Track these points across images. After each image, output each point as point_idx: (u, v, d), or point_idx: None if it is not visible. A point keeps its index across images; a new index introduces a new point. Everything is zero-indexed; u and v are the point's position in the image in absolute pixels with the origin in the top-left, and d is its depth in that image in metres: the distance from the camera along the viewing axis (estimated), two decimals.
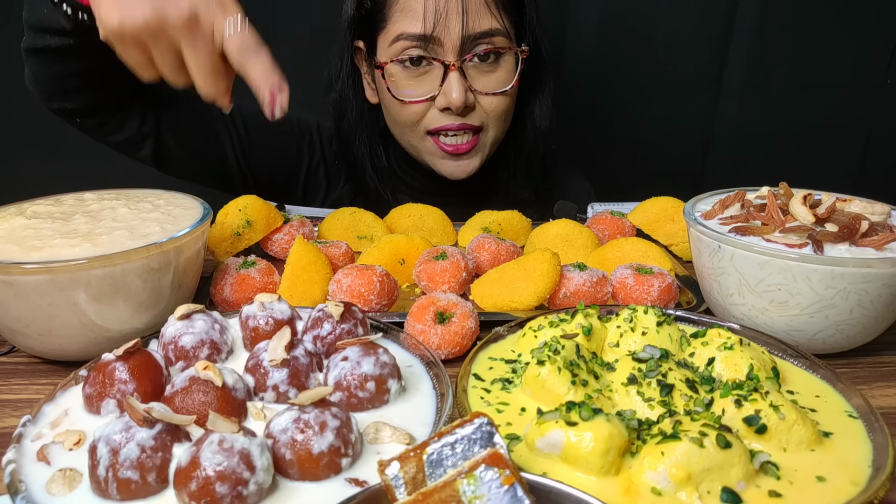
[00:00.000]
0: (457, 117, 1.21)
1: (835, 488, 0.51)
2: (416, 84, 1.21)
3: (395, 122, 1.28)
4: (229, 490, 0.46)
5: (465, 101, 1.17)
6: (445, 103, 1.18)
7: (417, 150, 1.29)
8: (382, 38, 1.21)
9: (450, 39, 1.16)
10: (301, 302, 0.86)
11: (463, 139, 1.23)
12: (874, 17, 1.77)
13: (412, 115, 1.23)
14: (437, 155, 1.26)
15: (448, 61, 1.17)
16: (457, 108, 1.18)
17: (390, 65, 1.20)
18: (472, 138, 1.24)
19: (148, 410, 0.50)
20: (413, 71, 1.20)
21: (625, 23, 1.79)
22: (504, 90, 1.22)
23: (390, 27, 1.19)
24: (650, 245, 0.99)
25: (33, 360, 0.78)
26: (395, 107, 1.24)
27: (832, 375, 0.64)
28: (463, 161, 1.26)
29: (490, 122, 1.25)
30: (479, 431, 0.43)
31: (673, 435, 0.51)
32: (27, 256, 0.68)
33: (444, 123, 1.21)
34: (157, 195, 0.89)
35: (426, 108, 1.22)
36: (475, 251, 0.99)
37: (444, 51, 1.17)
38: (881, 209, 0.80)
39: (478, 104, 1.22)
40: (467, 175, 1.28)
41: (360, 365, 0.59)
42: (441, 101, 1.19)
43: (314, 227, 1.13)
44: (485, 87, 1.21)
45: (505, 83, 1.22)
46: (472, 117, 1.22)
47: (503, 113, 1.25)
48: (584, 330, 0.68)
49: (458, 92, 1.16)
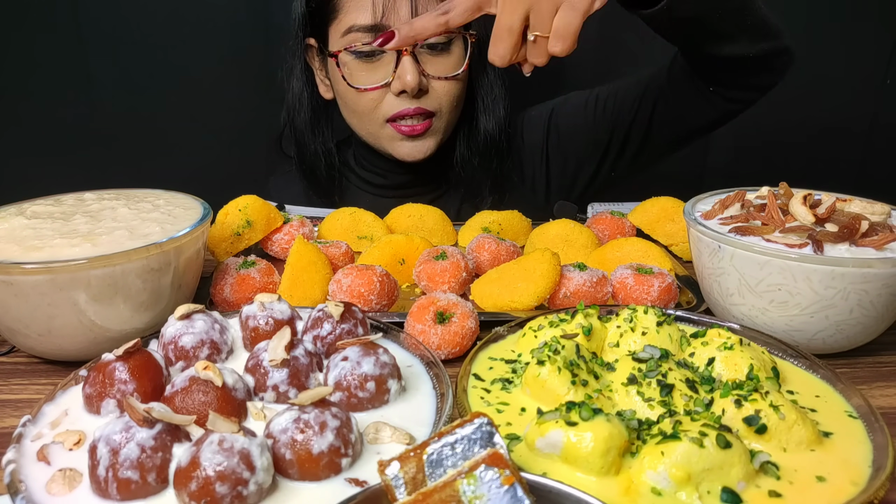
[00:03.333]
0: (412, 100, 1.24)
1: (835, 488, 0.51)
2: (370, 71, 1.23)
3: (353, 112, 1.31)
4: (229, 490, 0.46)
5: (419, 83, 1.21)
6: (401, 86, 1.21)
7: (376, 137, 1.32)
8: (334, 30, 1.24)
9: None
10: (301, 302, 0.86)
11: (418, 121, 1.27)
12: (874, 17, 1.77)
13: (369, 103, 1.25)
14: (395, 139, 1.29)
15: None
16: (412, 89, 1.21)
17: (343, 53, 1.23)
18: (426, 121, 1.27)
19: (148, 410, 0.50)
20: (366, 60, 1.23)
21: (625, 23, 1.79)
22: (455, 74, 1.25)
23: (342, 18, 1.22)
24: (650, 245, 0.99)
25: (33, 360, 0.78)
26: (351, 96, 1.27)
27: (832, 375, 0.64)
28: (419, 142, 1.29)
29: (443, 107, 1.28)
30: (479, 431, 0.43)
31: (673, 435, 0.51)
32: (27, 256, 0.68)
33: (401, 109, 1.24)
34: (157, 195, 0.89)
35: (382, 95, 1.24)
36: (475, 251, 0.99)
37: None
38: (881, 209, 0.80)
39: (431, 88, 1.25)
40: (423, 156, 1.31)
41: (360, 365, 0.60)
42: (396, 85, 1.22)
43: (314, 227, 1.13)
44: (437, 72, 1.24)
45: (456, 68, 1.25)
46: (426, 101, 1.25)
47: (455, 98, 1.29)
48: (584, 330, 0.68)
49: (413, 74, 1.19)
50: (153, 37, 1.70)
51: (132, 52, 1.70)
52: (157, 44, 1.70)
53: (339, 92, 1.31)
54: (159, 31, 1.69)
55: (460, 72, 1.25)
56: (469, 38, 1.25)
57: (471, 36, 1.25)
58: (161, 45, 1.70)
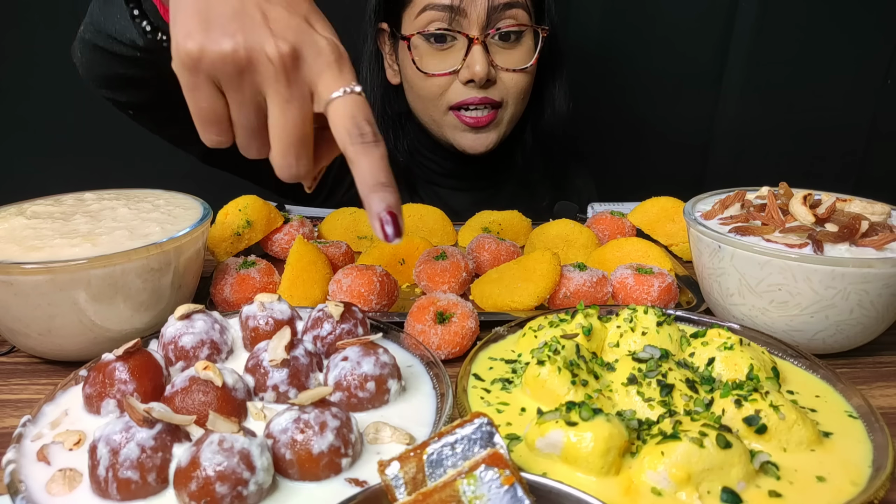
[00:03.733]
0: (479, 90, 1.23)
1: (835, 488, 0.51)
2: (440, 58, 1.23)
3: (418, 97, 1.31)
4: (229, 490, 0.46)
5: (487, 73, 1.20)
6: (469, 76, 1.21)
7: (439, 125, 1.32)
8: (408, 13, 1.24)
9: (475, 11, 1.19)
10: (301, 302, 0.86)
11: (483, 112, 1.26)
12: (874, 17, 1.77)
13: (435, 89, 1.25)
14: (458, 128, 1.29)
15: (472, 35, 1.20)
16: (480, 79, 1.20)
17: (416, 37, 1.23)
18: (492, 112, 1.27)
19: (148, 410, 0.50)
20: (437, 46, 1.23)
21: (625, 23, 1.79)
22: (524, 67, 1.25)
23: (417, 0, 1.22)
24: (650, 245, 0.99)
25: (33, 360, 0.78)
26: (418, 80, 1.27)
27: (832, 375, 0.64)
28: (482, 134, 1.29)
29: (510, 99, 1.28)
30: (479, 431, 0.43)
31: (673, 435, 0.51)
32: (27, 256, 0.68)
33: (467, 97, 1.24)
34: (157, 195, 0.89)
35: (449, 82, 1.24)
36: (475, 251, 0.99)
37: (469, 23, 1.20)
38: (881, 209, 0.80)
39: (499, 80, 1.25)
40: (485, 149, 1.30)
41: (360, 365, 0.59)
42: (465, 73, 1.22)
43: (314, 227, 1.13)
44: (506, 64, 1.24)
45: (525, 61, 1.25)
46: (492, 91, 1.25)
47: (522, 90, 1.28)
48: (584, 330, 0.68)
49: (482, 64, 1.19)
50: None
51: None
52: None
53: (407, 76, 1.31)
54: None
55: (529, 65, 1.25)
56: (541, 32, 1.26)
57: (543, 30, 1.26)
58: None
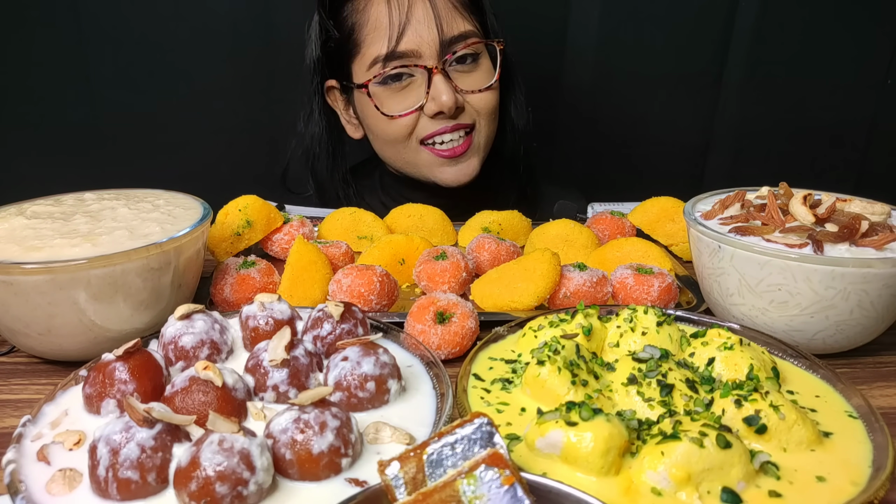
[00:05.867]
0: (448, 120, 1.21)
1: (835, 488, 0.51)
2: (400, 98, 1.21)
3: (387, 143, 1.27)
4: (229, 490, 0.46)
5: (455, 101, 1.18)
6: (436, 108, 1.18)
7: (415, 166, 1.28)
8: (358, 64, 1.22)
9: (427, 48, 1.17)
10: (301, 302, 0.86)
11: (458, 141, 1.23)
12: (874, 17, 1.77)
13: (403, 129, 1.23)
14: (435, 164, 1.26)
15: (430, 65, 1.17)
16: (448, 109, 1.18)
17: (372, 84, 1.20)
18: (467, 138, 1.24)
19: (148, 410, 0.50)
20: (396, 86, 1.20)
21: (625, 23, 1.79)
22: (489, 84, 1.23)
23: (365, 51, 1.20)
24: (650, 245, 0.99)
25: (33, 360, 0.78)
26: (383, 125, 1.23)
27: (832, 375, 0.64)
28: (462, 164, 1.26)
29: (481, 120, 1.25)
30: (479, 431, 0.43)
31: (673, 435, 0.50)
32: (27, 256, 0.68)
33: (437, 128, 1.21)
34: (157, 195, 0.89)
35: (415, 119, 1.22)
36: (475, 251, 0.99)
37: (424, 59, 1.18)
38: (881, 209, 0.80)
39: (466, 104, 1.23)
40: (468, 179, 1.27)
41: (360, 365, 0.59)
42: (431, 106, 1.19)
43: (314, 227, 1.13)
44: (470, 86, 1.22)
45: (488, 79, 1.24)
46: (463, 117, 1.23)
47: (492, 109, 1.26)
48: (584, 330, 0.68)
49: (448, 94, 1.17)
50: (153, 37, 1.70)
51: (132, 52, 1.70)
52: (157, 44, 1.70)
53: (370, 126, 1.27)
54: (159, 31, 1.69)
55: (494, 81, 1.23)
56: (497, 45, 1.24)
57: (498, 43, 1.24)
58: (161, 45, 1.70)
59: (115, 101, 1.75)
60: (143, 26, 1.69)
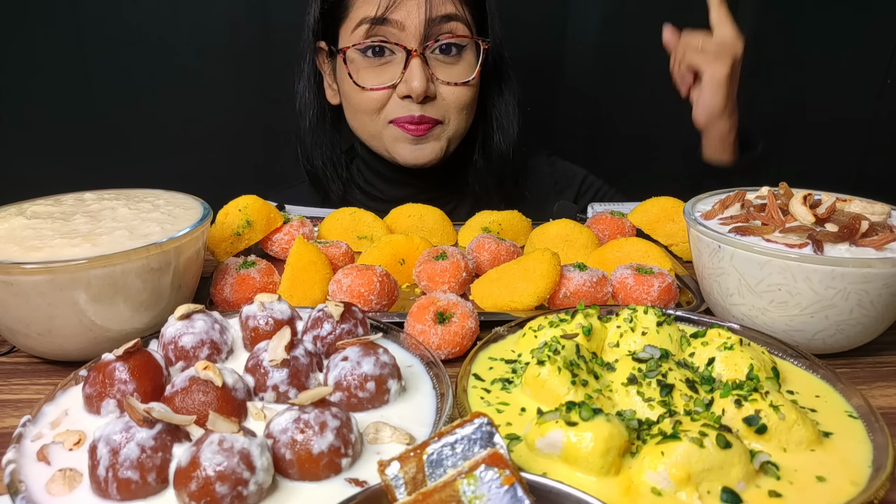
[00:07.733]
0: (417, 107, 1.21)
1: (835, 488, 0.51)
2: (377, 72, 1.21)
3: (356, 113, 1.28)
4: (229, 490, 0.46)
5: (426, 89, 1.18)
6: (406, 90, 1.19)
7: (379, 139, 1.29)
8: (345, 28, 1.23)
9: (412, 23, 1.17)
10: (301, 302, 0.86)
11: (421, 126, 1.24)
12: (874, 18, 1.77)
13: (372, 103, 1.23)
14: (398, 140, 1.26)
15: (411, 47, 1.18)
16: (417, 95, 1.18)
17: (351, 50, 1.21)
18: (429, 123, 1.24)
19: (148, 410, 0.50)
20: (375, 60, 1.20)
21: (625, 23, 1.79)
22: (466, 80, 1.23)
23: (352, 14, 1.20)
24: (650, 245, 0.99)
25: (33, 360, 0.78)
26: (354, 94, 1.24)
27: (832, 375, 0.64)
28: (422, 146, 1.26)
29: (451, 115, 1.25)
30: (479, 431, 0.43)
31: (673, 435, 0.51)
32: (27, 256, 0.68)
33: (404, 114, 1.22)
34: (156, 195, 0.89)
35: (387, 97, 1.22)
36: (475, 251, 0.99)
37: (407, 36, 1.18)
38: (881, 209, 0.80)
39: (439, 95, 1.22)
40: (427, 161, 1.28)
41: (360, 365, 0.59)
42: (402, 88, 1.19)
43: (314, 227, 1.13)
44: (447, 77, 1.22)
45: (467, 75, 1.23)
46: (431, 109, 1.22)
47: (464, 105, 1.25)
48: (584, 330, 0.68)
49: (420, 80, 1.17)
50: (153, 37, 1.70)
51: (132, 52, 1.70)
52: (157, 44, 1.70)
53: (344, 92, 1.28)
54: (159, 31, 1.69)
55: (472, 78, 1.23)
56: (482, 44, 1.23)
57: (484, 43, 1.23)
58: (161, 45, 1.70)
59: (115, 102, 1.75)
60: (144, 26, 1.69)
